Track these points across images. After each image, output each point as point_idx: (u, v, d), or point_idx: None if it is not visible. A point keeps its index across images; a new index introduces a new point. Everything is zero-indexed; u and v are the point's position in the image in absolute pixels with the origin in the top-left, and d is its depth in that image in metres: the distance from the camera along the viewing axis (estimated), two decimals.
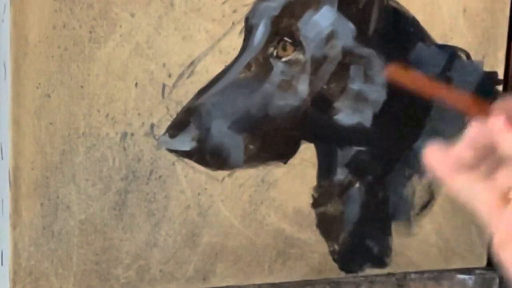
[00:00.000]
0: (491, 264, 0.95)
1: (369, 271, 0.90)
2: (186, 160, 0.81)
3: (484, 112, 0.52)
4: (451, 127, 0.91)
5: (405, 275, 0.91)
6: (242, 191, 0.84)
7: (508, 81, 0.93)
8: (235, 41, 0.81)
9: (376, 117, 0.86)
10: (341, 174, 0.87)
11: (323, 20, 0.82)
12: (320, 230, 0.87)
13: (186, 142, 0.81)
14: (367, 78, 0.85)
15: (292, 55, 0.83)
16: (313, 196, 0.86)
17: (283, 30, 0.82)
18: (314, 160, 0.86)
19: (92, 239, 0.80)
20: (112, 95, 0.78)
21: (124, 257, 0.81)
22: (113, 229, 0.81)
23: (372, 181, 0.88)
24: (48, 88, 0.77)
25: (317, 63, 0.83)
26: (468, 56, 0.88)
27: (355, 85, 0.85)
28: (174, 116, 0.80)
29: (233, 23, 0.81)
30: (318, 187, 0.86)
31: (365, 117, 0.86)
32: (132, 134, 0.80)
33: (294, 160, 0.85)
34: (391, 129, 0.88)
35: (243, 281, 0.86)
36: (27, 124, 0.77)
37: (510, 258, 0.51)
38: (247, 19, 0.81)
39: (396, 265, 0.91)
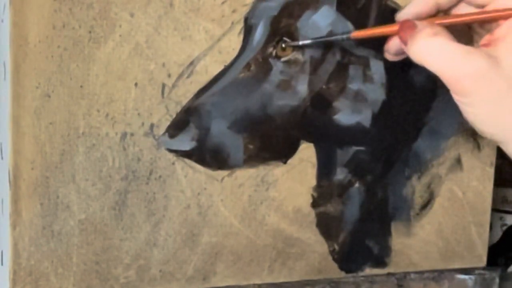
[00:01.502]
0: (491, 264, 0.95)
1: (369, 271, 0.90)
2: (186, 160, 0.82)
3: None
4: (450, 127, 0.91)
5: (405, 275, 0.91)
6: (241, 191, 0.84)
7: None
8: (235, 41, 0.81)
9: (375, 117, 0.87)
10: (340, 174, 0.87)
11: (322, 20, 0.83)
12: (320, 230, 0.87)
13: (185, 142, 0.81)
14: (366, 78, 0.85)
15: (291, 55, 0.83)
16: (312, 196, 0.87)
17: (282, 30, 0.82)
18: (314, 160, 0.86)
19: (92, 239, 0.80)
20: (112, 95, 0.79)
21: (124, 257, 0.81)
22: (113, 229, 0.81)
23: (372, 181, 0.88)
24: (48, 88, 0.77)
25: (316, 63, 0.84)
26: None
27: (354, 85, 0.85)
28: (174, 116, 0.80)
29: (232, 23, 0.81)
30: (318, 187, 0.86)
31: (364, 117, 0.86)
32: (132, 134, 0.80)
33: (293, 160, 0.85)
34: (391, 129, 0.88)
35: (243, 281, 0.86)
36: (27, 124, 0.77)
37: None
38: (246, 19, 0.81)
39: (396, 265, 0.91)
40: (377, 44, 0.85)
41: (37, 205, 0.78)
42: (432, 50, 0.70)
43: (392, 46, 0.77)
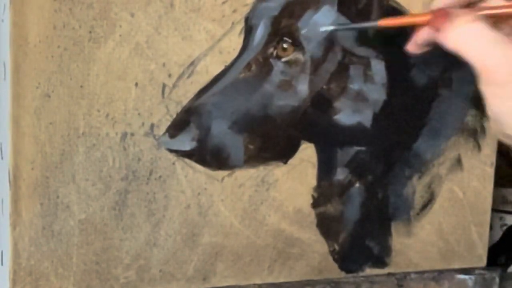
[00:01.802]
0: (491, 264, 0.95)
1: (369, 271, 0.90)
2: (186, 160, 0.82)
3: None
4: (450, 127, 0.91)
5: (405, 275, 0.91)
6: (242, 191, 0.84)
7: None
8: (235, 41, 0.81)
9: (376, 117, 0.86)
10: (341, 174, 0.87)
11: (323, 20, 0.82)
12: (320, 230, 0.87)
13: (186, 142, 0.81)
14: (367, 78, 0.85)
15: (291, 55, 0.83)
16: (313, 196, 0.86)
17: (283, 30, 0.82)
18: (314, 160, 0.86)
19: (92, 239, 0.80)
20: (112, 95, 0.78)
21: (124, 257, 0.81)
22: (113, 229, 0.81)
23: (372, 181, 0.88)
24: (48, 88, 0.77)
25: (317, 63, 0.83)
26: None
27: (355, 85, 0.85)
28: (174, 116, 0.80)
29: (233, 23, 0.81)
30: (318, 187, 0.86)
31: (365, 117, 0.86)
32: (132, 134, 0.80)
33: (294, 160, 0.85)
34: (391, 129, 0.88)
35: (243, 281, 0.86)
36: (27, 124, 0.77)
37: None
38: (247, 19, 0.81)
39: (396, 265, 0.91)
40: (378, 44, 0.85)
41: (37, 205, 0.78)
42: (469, 36, 0.67)
43: (421, 36, 0.75)
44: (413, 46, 0.76)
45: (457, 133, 0.91)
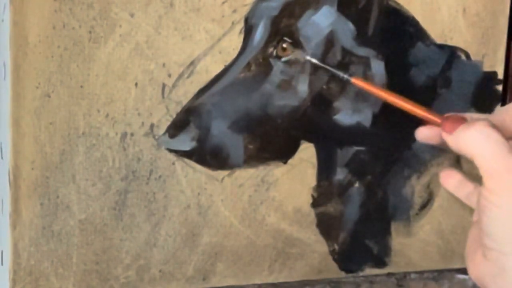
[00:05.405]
0: None
1: (369, 271, 0.90)
2: (186, 160, 0.82)
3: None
4: None
5: (405, 275, 0.91)
6: (242, 191, 0.84)
7: (508, 81, 0.93)
8: (235, 41, 0.81)
9: (375, 117, 0.86)
10: (340, 174, 0.87)
11: (322, 20, 0.83)
12: (320, 230, 0.87)
13: (186, 142, 0.81)
14: (367, 78, 0.85)
15: (291, 55, 0.83)
16: (312, 196, 0.87)
17: (283, 30, 0.82)
18: (314, 160, 0.86)
19: (92, 239, 0.80)
20: (112, 95, 0.79)
21: (124, 257, 0.81)
22: (113, 229, 0.81)
23: (372, 181, 0.88)
24: (48, 88, 0.77)
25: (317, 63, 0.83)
26: (467, 56, 0.89)
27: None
28: (174, 116, 0.80)
29: (232, 23, 0.81)
30: (318, 187, 0.86)
31: (365, 117, 0.86)
32: (132, 134, 0.80)
33: (294, 160, 0.85)
34: (391, 129, 0.88)
35: (243, 281, 0.86)
36: (27, 124, 0.77)
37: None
38: (246, 19, 0.81)
39: (396, 265, 0.91)
40: (378, 44, 0.85)
41: (37, 205, 0.78)
42: (482, 140, 0.66)
43: (425, 134, 0.73)
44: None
45: None
